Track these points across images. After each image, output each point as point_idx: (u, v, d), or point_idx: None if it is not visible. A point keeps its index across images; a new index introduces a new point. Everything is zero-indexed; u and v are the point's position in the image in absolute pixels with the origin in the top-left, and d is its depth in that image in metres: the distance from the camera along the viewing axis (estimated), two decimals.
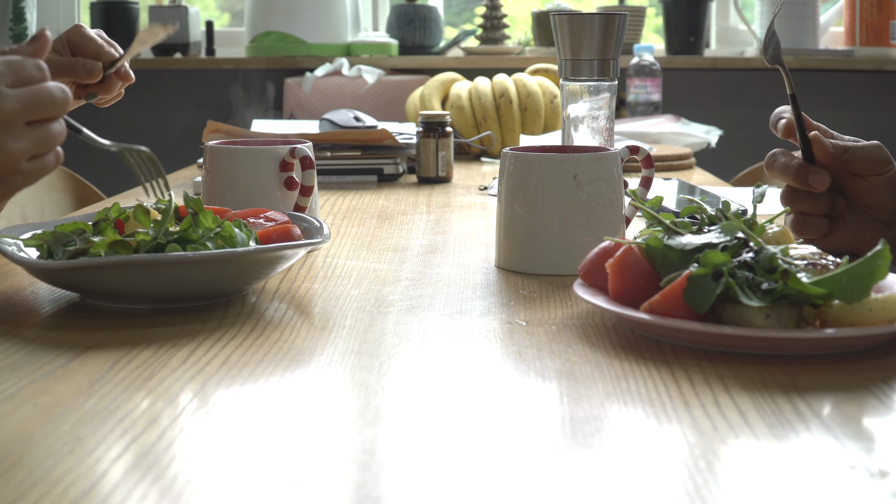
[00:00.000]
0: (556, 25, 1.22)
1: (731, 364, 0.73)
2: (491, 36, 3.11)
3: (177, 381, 0.70)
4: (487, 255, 1.13)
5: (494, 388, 0.70)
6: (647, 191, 1.10)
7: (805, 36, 3.05)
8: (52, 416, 0.63)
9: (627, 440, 0.60)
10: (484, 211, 1.48)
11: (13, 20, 2.88)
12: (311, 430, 0.62)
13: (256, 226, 0.96)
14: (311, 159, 1.18)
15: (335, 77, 2.87)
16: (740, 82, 3.14)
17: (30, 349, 0.77)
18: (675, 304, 0.75)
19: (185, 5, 3.06)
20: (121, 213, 0.92)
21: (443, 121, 1.83)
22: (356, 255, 1.14)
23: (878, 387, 0.68)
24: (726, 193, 1.62)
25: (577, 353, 0.76)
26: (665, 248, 0.80)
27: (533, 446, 0.59)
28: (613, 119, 1.24)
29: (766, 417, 0.62)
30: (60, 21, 3.29)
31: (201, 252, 0.85)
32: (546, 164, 1.01)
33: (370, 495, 0.52)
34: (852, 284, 0.73)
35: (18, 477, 0.54)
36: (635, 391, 0.67)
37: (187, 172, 2.04)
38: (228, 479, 0.54)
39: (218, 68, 3.07)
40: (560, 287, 0.97)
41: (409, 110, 2.41)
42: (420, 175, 1.83)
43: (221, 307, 0.90)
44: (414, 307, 0.90)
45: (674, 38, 3.11)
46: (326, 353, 0.77)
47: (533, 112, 2.19)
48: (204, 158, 1.20)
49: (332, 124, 1.98)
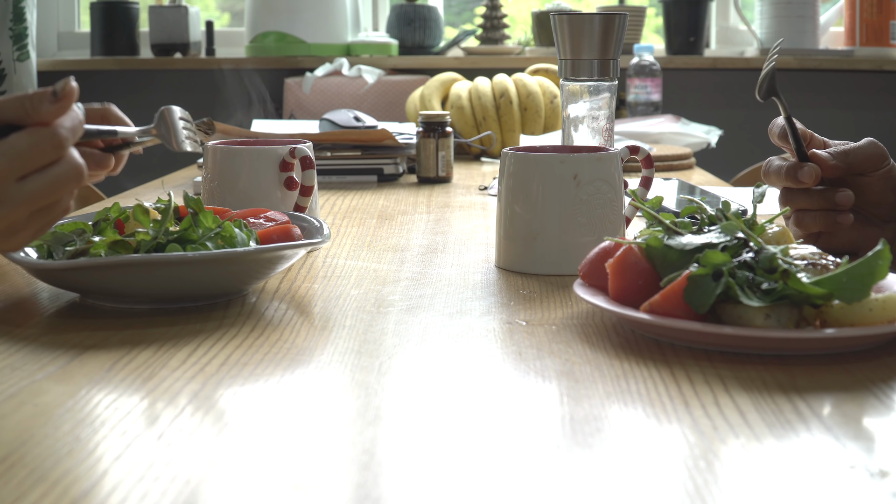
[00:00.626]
0: (556, 25, 1.22)
1: (731, 364, 0.73)
2: (491, 36, 3.11)
3: (177, 381, 0.70)
4: (487, 255, 1.13)
5: (494, 388, 0.70)
6: (647, 191, 1.10)
7: (805, 36, 3.05)
8: (52, 416, 0.63)
9: (627, 440, 0.60)
10: (484, 211, 1.48)
11: (13, 20, 2.88)
12: (311, 430, 0.62)
13: (256, 226, 0.96)
14: (311, 159, 1.18)
15: (335, 77, 2.87)
16: (740, 82, 3.14)
17: (30, 349, 0.77)
18: (675, 304, 0.75)
19: (185, 5, 3.06)
20: (121, 213, 0.92)
21: (443, 121, 1.83)
22: (356, 255, 1.14)
23: (878, 387, 0.68)
24: (726, 193, 1.62)
25: (577, 353, 0.76)
26: (665, 248, 0.80)
27: (533, 446, 0.59)
28: (613, 119, 1.24)
29: (766, 417, 0.62)
30: (60, 21, 3.29)
31: (201, 252, 0.85)
32: (546, 164, 1.01)
33: (370, 495, 0.52)
34: (852, 284, 0.73)
35: (18, 477, 0.54)
36: (635, 391, 0.67)
37: (187, 172, 2.04)
38: (228, 479, 0.54)
39: (218, 68, 3.07)
40: (560, 287, 0.97)
41: (409, 110, 2.41)
42: (420, 175, 1.83)
43: (221, 307, 0.90)
44: (414, 307, 0.90)
45: (674, 38, 3.11)
46: (326, 353, 0.77)
47: (533, 112, 2.19)
48: (204, 158, 1.20)
49: (332, 124, 1.98)
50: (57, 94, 0.71)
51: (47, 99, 0.71)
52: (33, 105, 0.71)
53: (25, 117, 0.71)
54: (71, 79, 0.72)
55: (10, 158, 0.71)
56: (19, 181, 0.72)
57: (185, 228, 0.87)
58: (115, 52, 3.09)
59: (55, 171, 0.73)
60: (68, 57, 3.21)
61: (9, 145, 0.71)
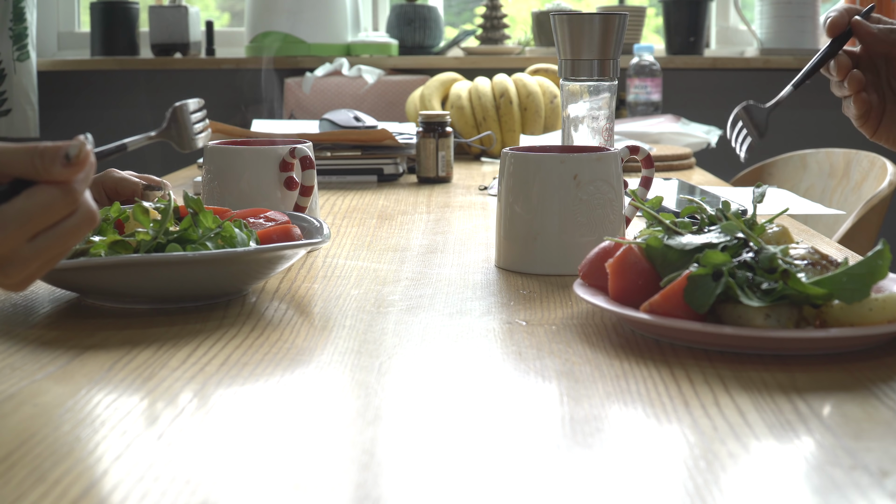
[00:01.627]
0: (556, 25, 1.22)
1: (731, 364, 0.73)
2: (491, 36, 3.11)
3: (177, 381, 0.70)
4: (487, 255, 1.13)
5: (494, 388, 0.70)
6: (647, 191, 1.10)
7: (805, 36, 3.05)
8: (52, 416, 0.63)
9: (627, 440, 0.60)
10: (484, 211, 1.48)
11: (13, 20, 2.88)
12: (311, 430, 0.62)
13: (256, 226, 0.96)
14: (311, 159, 1.18)
15: (335, 77, 2.87)
16: (740, 82, 3.14)
17: (30, 349, 0.77)
18: (675, 304, 0.75)
19: (185, 5, 3.06)
20: (121, 213, 0.92)
21: (443, 121, 1.83)
22: (356, 255, 1.14)
23: (878, 387, 0.68)
24: (726, 193, 1.62)
25: (577, 353, 0.76)
26: (665, 248, 0.80)
27: (533, 446, 0.59)
28: (613, 119, 1.24)
29: (766, 417, 0.62)
30: (60, 21, 3.29)
31: (201, 252, 0.85)
32: (546, 164, 1.01)
33: (370, 495, 0.52)
34: (852, 284, 0.73)
35: (18, 477, 0.54)
36: (635, 391, 0.68)
37: (187, 172, 2.04)
38: (228, 479, 0.54)
39: (218, 68, 3.07)
40: (560, 287, 0.97)
41: (409, 110, 2.41)
42: (420, 175, 1.83)
43: (221, 307, 0.90)
44: (414, 307, 0.90)
45: (674, 38, 3.11)
46: (326, 353, 0.77)
47: (533, 112, 2.19)
48: (204, 158, 1.20)
49: (332, 124, 1.98)
50: (70, 158, 0.66)
51: (59, 161, 0.66)
52: (44, 166, 0.66)
53: (35, 175, 0.67)
54: (86, 143, 0.67)
55: (22, 223, 0.66)
56: (31, 240, 0.68)
57: (185, 228, 0.87)
58: (115, 52, 3.09)
59: (68, 224, 0.68)
60: (68, 57, 3.21)
61: (20, 209, 0.66)
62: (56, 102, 3.12)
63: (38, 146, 0.66)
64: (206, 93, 3.12)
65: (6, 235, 0.66)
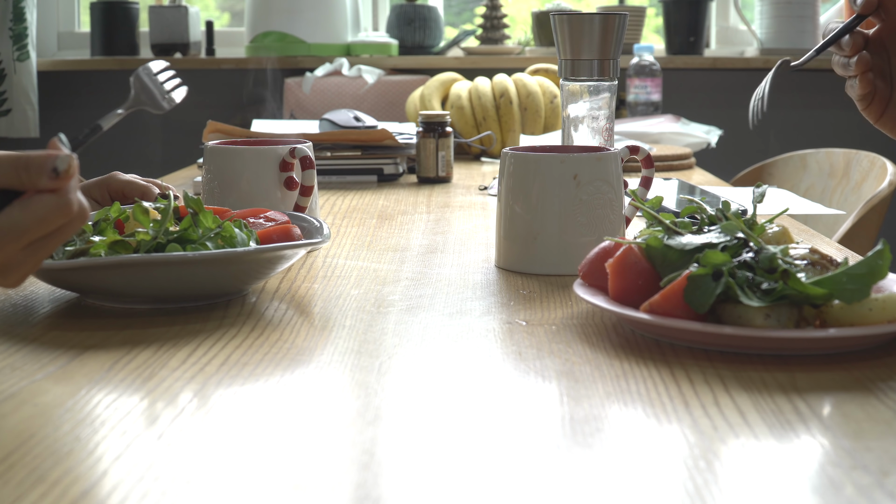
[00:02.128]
0: (556, 25, 1.22)
1: (731, 364, 0.73)
2: (491, 36, 3.11)
3: (177, 381, 0.70)
4: (487, 255, 1.13)
5: (494, 388, 0.70)
6: (647, 191, 1.10)
7: (805, 36, 3.05)
8: (52, 416, 0.63)
9: (627, 440, 0.60)
10: (484, 211, 1.48)
11: (13, 20, 2.88)
12: (311, 430, 0.62)
13: (256, 226, 0.96)
14: (311, 159, 1.18)
15: (335, 77, 2.87)
16: (740, 82, 3.14)
17: (30, 349, 0.77)
18: (675, 304, 0.75)
19: (185, 5, 3.06)
20: (121, 213, 0.92)
21: (443, 121, 1.83)
22: (356, 255, 1.14)
23: (878, 387, 0.68)
24: (726, 193, 1.62)
25: (577, 353, 0.76)
26: (665, 248, 0.80)
27: (533, 446, 0.59)
28: (613, 119, 1.24)
29: (766, 417, 0.62)
30: (60, 21, 3.29)
31: (201, 252, 0.85)
32: (546, 164, 1.01)
33: (370, 495, 0.52)
34: (852, 284, 0.73)
35: (18, 477, 0.54)
36: (635, 391, 0.68)
37: (187, 172, 2.04)
38: (228, 479, 0.54)
39: (218, 68, 3.07)
40: (560, 287, 0.97)
41: (409, 110, 2.41)
42: (420, 175, 1.83)
43: (221, 307, 0.90)
44: (414, 307, 0.90)
45: (674, 38, 3.11)
46: (326, 353, 0.77)
47: (533, 112, 2.19)
48: (204, 158, 1.20)
49: (332, 124, 1.98)
50: (58, 172, 0.66)
51: (46, 174, 0.65)
52: (30, 178, 0.66)
53: (21, 187, 0.66)
54: (73, 156, 0.67)
55: (19, 235, 0.66)
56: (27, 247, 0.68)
57: (185, 228, 0.87)
58: (115, 52, 3.09)
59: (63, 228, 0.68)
60: (68, 57, 3.21)
61: (16, 221, 0.66)
62: (56, 102, 3.12)
63: (22, 157, 0.66)
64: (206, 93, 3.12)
65: (1, 247, 0.66)
